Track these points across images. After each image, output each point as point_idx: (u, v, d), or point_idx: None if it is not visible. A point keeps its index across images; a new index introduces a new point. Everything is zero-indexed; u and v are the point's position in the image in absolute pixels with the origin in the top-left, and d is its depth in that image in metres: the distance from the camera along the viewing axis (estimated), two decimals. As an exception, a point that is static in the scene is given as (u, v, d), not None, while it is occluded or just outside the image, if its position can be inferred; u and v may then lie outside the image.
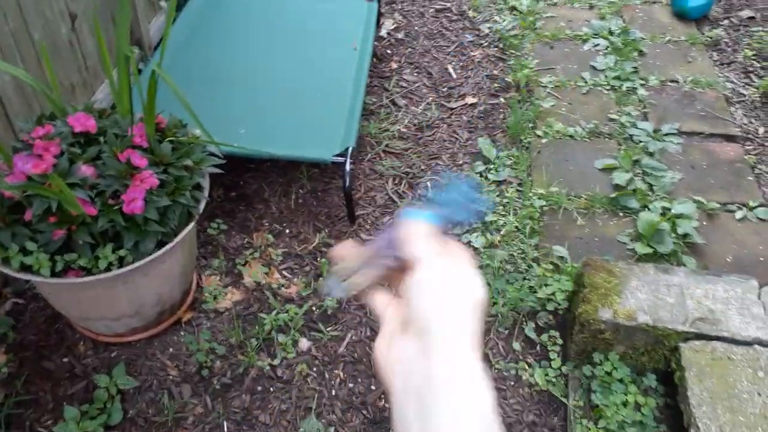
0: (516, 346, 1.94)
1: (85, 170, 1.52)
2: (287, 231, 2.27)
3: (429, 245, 0.49)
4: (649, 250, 2.15)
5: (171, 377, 1.82)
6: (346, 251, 0.53)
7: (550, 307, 1.99)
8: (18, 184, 1.44)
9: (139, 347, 1.88)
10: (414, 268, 0.48)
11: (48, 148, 1.48)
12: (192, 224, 1.65)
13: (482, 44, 3.20)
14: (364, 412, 1.79)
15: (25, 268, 1.49)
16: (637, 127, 2.67)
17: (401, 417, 0.43)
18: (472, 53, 3.14)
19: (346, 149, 2.17)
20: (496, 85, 2.95)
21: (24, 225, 1.50)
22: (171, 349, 1.89)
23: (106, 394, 1.72)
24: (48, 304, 1.89)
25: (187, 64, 2.52)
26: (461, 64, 3.07)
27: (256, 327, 1.95)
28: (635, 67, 2.98)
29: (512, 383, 1.87)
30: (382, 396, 1.82)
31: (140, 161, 1.54)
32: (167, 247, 1.58)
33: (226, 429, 1.73)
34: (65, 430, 1.62)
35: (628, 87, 2.87)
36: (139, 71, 2.45)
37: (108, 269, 1.53)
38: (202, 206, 1.68)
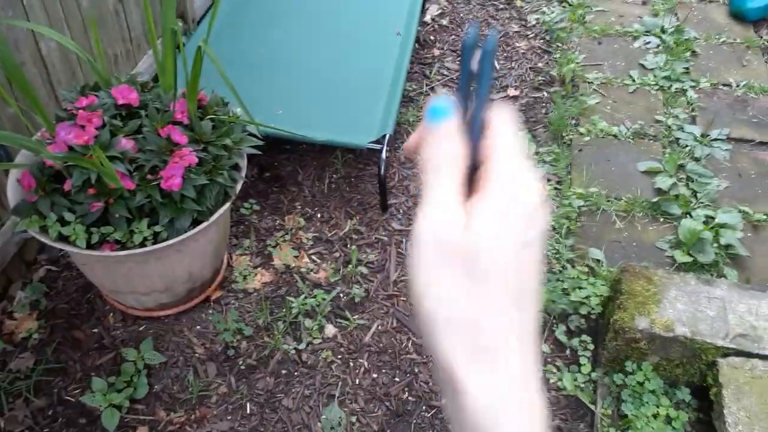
0: (545, 348, 1.90)
1: (126, 144, 1.51)
2: (319, 215, 2.25)
3: (514, 159, 0.37)
4: (689, 259, 2.08)
5: (197, 355, 1.83)
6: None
7: (583, 311, 1.94)
8: (60, 154, 1.44)
9: (168, 323, 1.89)
10: (488, 185, 0.36)
11: (91, 120, 1.47)
12: (228, 204, 1.64)
13: (528, 35, 3.12)
14: (387, 403, 1.77)
15: (62, 238, 1.50)
16: (684, 131, 2.57)
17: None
18: (517, 44, 3.07)
19: (383, 136, 2.14)
20: (539, 78, 2.87)
21: (63, 195, 1.50)
22: (198, 327, 1.89)
23: (133, 368, 1.73)
24: (80, 274, 1.90)
25: (228, 43, 2.51)
26: (505, 54, 3.00)
27: (284, 310, 1.94)
28: (686, 68, 2.88)
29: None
30: (406, 389, 1.81)
31: (180, 138, 1.53)
32: (202, 225, 1.57)
33: (248, 410, 1.73)
34: (92, 400, 1.64)
35: (677, 88, 2.77)
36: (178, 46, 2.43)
37: (142, 244, 1.52)
38: (238, 187, 1.66)
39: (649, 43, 3.03)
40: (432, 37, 3.08)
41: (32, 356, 1.78)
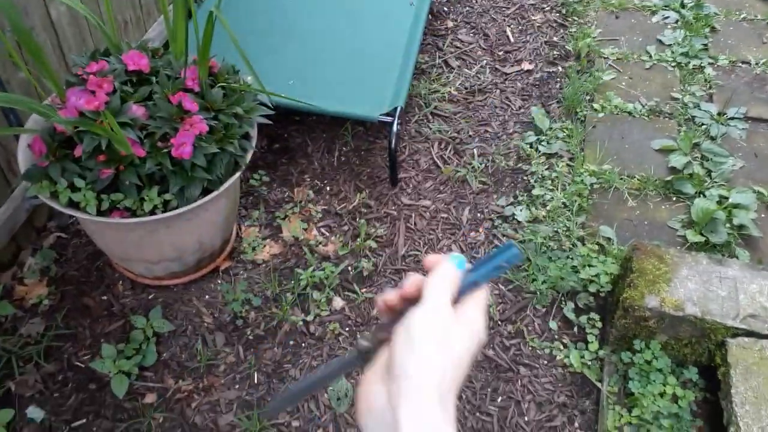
0: (553, 325, 1.90)
1: (136, 110, 1.49)
2: (328, 188, 2.24)
3: (444, 290, 0.48)
4: (701, 239, 2.06)
5: (206, 324, 1.84)
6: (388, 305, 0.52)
7: (592, 288, 1.93)
8: (70, 119, 1.42)
9: (177, 292, 1.89)
10: (416, 307, 0.47)
11: (101, 85, 1.46)
12: (238, 174, 1.63)
13: (544, 8, 3.06)
14: (394, 376, 1.78)
15: (72, 204, 1.49)
16: (700, 109, 2.53)
17: None
18: (533, 17, 3.01)
19: (395, 109, 2.11)
20: (555, 52, 2.82)
21: (73, 161, 1.49)
22: (207, 297, 1.89)
23: (142, 336, 1.74)
24: (90, 241, 1.90)
25: (240, 10, 2.47)
26: (520, 27, 2.95)
27: (292, 282, 1.94)
28: (705, 45, 2.82)
29: (545, 362, 1.83)
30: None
31: (191, 105, 1.51)
32: (212, 194, 1.56)
33: (256, 380, 1.75)
34: (102, 366, 1.65)
35: (695, 65, 2.72)
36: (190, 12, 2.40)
37: (152, 212, 1.52)
38: (249, 156, 1.65)
39: (667, 17, 2.96)
40: (446, 9, 3.03)
41: (42, 322, 1.79)
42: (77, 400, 1.67)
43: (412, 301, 0.49)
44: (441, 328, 0.45)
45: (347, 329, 1.86)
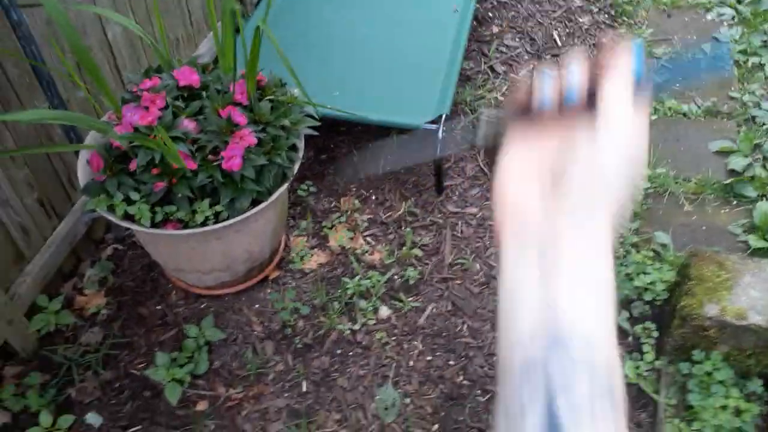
0: (606, 334, 1.84)
1: (188, 124, 1.54)
2: (374, 197, 2.24)
3: (628, 100, 0.41)
4: (765, 245, 1.97)
5: (255, 333, 1.86)
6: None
7: (647, 296, 1.87)
8: (126, 134, 1.48)
9: (227, 301, 1.93)
10: (603, 117, 0.40)
11: (154, 101, 1.51)
12: (286, 185, 1.65)
13: (592, 10, 3.00)
14: (442, 386, 1.76)
15: (128, 216, 1.55)
16: (761, 108, 2.42)
17: (510, 259, 0.39)
18: (581, 19, 2.95)
19: (440, 116, 2.10)
20: (603, 55, 2.76)
21: (128, 175, 1.55)
22: (257, 306, 1.93)
23: (195, 344, 1.78)
24: (145, 253, 1.96)
25: (285, 24, 2.51)
26: (567, 30, 2.89)
27: (339, 291, 1.95)
28: (765, 41, 2.70)
29: (599, 373, 1.77)
30: (461, 372, 1.79)
31: (240, 119, 1.55)
32: (261, 205, 1.59)
33: (305, 388, 1.76)
34: (156, 375, 1.70)
35: (754, 63, 2.61)
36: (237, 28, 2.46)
37: (204, 224, 1.56)
38: (296, 167, 1.67)
39: (723, 15, 2.85)
40: (490, 14, 3.00)
41: (101, 331, 1.86)
42: (133, 407, 1.72)
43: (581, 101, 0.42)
44: (629, 159, 0.40)
45: (394, 338, 1.86)
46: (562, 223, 0.39)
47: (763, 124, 2.36)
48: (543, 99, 0.43)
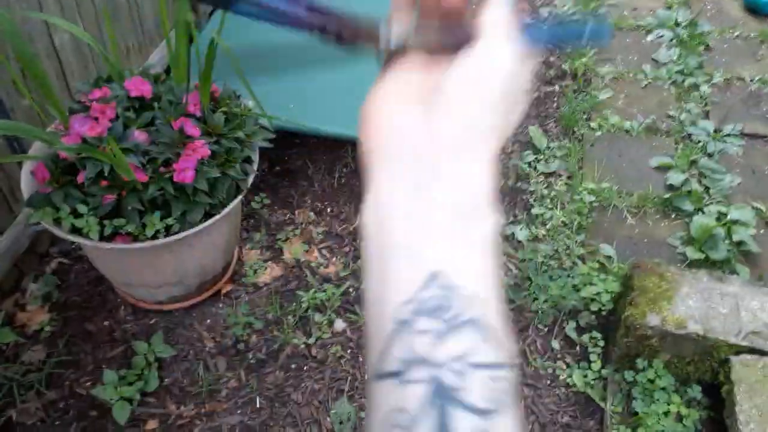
0: (555, 344, 1.90)
1: (139, 136, 1.51)
2: (329, 210, 2.25)
3: (510, 28, 0.38)
4: (701, 256, 2.07)
5: (207, 349, 1.83)
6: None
7: (593, 307, 1.93)
8: (73, 146, 1.44)
9: (178, 316, 1.89)
10: (480, 38, 0.37)
11: (104, 111, 1.47)
12: (239, 197, 1.64)
13: (539, 29, 3.10)
14: (397, 398, 1.77)
15: (75, 230, 1.50)
16: (697, 126, 2.55)
17: (383, 190, 0.34)
18: (528, 38, 3.05)
19: (395, 130, 2.12)
20: (551, 72, 2.85)
21: (76, 187, 1.50)
22: (209, 321, 1.89)
23: (144, 361, 1.74)
24: (92, 267, 1.90)
25: (239, 35, 2.49)
26: (516, 48, 2.98)
27: (294, 304, 1.94)
28: (700, 62, 2.85)
29: (548, 382, 1.83)
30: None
31: (193, 130, 1.53)
32: (214, 218, 1.57)
33: (258, 404, 1.74)
34: (104, 393, 1.64)
35: (690, 83, 2.75)
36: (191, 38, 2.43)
37: (155, 237, 1.53)
38: (250, 180, 1.66)
39: (662, 36, 3.00)
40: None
41: (44, 349, 1.79)
42: (78, 428, 1.66)
43: (451, 15, 0.39)
44: (511, 90, 0.37)
45: (349, 351, 1.86)
46: (441, 152, 0.35)
47: (699, 141, 2.49)
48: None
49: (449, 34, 0.39)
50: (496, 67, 0.36)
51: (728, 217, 2.17)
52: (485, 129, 0.35)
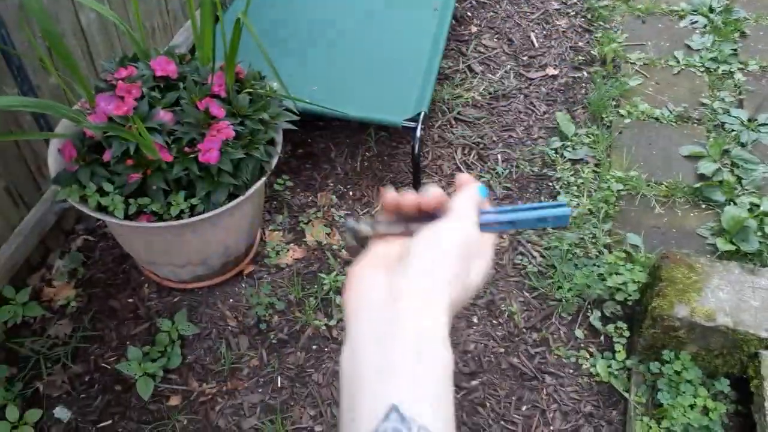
0: (579, 333, 1.87)
1: (164, 116, 1.51)
2: (351, 193, 2.24)
3: (474, 213, 0.46)
4: (732, 248, 2.02)
5: (230, 328, 1.84)
6: (394, 204, 0.49)
7: (619, 297, 1.90)
8: (99, 124, 1.44)
9: (201, 295, 1.91)
10: (445, 219, 0.45)
11: (130, 91, 1.47)
12: (263, 179, 1.64)
13: (569, 13, 3.03)
14: (417, 383, 1.76)
15: (101, 208, 1.51)
16: (730, 115, 2.48)
17: (352, 354, 0.40)
18: (558, 22, 2.98)
19: (418, 114, 2.10)
20: (580, 57, 2.79)
21: (102, 165, 1.51)
22: (231, 300, 1.90)
23: (168, 338, 1.75)
24: (117, 245, 1.92)
25: (265, 17, 2.48)
26: (545, 32, 2.92)
27: (315, 286, 1.94)
28: (735, 50, 2.77)
29: (571, 371, 1.80)
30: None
31: (218, 111, 1.52)
32: (238, 199, 1.57)
33: (279, 384, 1.75)
34: (128, 369, 1.66)
35: (724, 70, 2.67)
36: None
37: (179, 217, 1.53)
38: (274, 162, 1.65)
39: (695, 22, 2.92)
40: (469, 14, 3.02)
41: (70, 323, 1.82)
42: (103, 402, 1.68)
43: (427, 213, 0.47)
44: (467, 251, 0.44)
45: (370, 335, 1.85)
46: (399, 307, 0.40)
47: (732, 130, 2.42)
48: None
49: (410, 224, 0.48)
50: (454, 227, 0.44)
51: (761, 208, 2.11)
52: (441, 277, 0.42)
